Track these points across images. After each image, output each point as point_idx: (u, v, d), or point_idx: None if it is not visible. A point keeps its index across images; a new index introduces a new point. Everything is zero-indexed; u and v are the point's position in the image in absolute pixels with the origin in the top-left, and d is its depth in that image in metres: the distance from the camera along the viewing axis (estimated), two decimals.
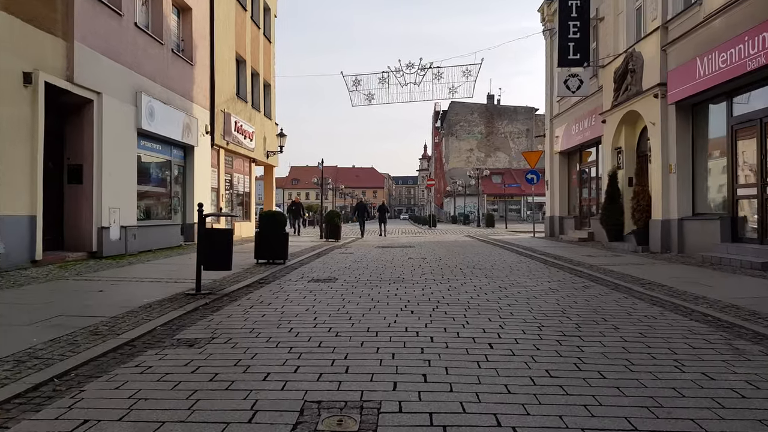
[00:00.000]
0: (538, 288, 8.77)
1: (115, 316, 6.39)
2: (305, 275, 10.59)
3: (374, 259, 14.00)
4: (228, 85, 22.00)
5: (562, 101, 24.63)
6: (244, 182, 25.43)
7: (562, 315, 6.52)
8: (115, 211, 13.50)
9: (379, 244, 21.15)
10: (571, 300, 7.61)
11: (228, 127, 21.70)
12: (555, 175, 25.74)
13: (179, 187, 18.14)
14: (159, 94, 15.78)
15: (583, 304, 7.27)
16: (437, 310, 6.81)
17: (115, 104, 13.53)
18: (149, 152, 16.02)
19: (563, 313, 6.66)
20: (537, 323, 6.03)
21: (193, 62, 18.35)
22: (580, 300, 7.63)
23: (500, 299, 7.63)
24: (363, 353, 4.79)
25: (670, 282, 9.42)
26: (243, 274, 10.55)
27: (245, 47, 24.27)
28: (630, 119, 17.79)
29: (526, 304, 7.22)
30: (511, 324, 5.97)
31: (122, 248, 13.74)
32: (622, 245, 17.15)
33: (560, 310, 6.81)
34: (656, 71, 15.40)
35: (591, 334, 5.57)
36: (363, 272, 11.03)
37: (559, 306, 7.11)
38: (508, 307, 6.98)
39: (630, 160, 18.24)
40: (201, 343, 5.21)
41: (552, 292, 8.32)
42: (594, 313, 6.65)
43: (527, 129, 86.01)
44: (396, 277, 10.10)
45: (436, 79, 25.98)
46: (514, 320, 6.18)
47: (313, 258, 14.56)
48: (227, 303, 7.47)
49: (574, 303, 7.37)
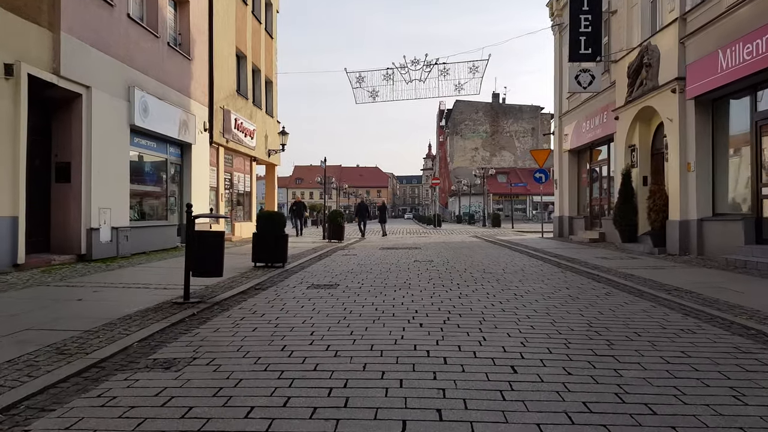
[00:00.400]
0: (557, 295, 8.07)
1: (90, 330, 5.72)
2: (305, 280, 9.91)
3: (378, 262, 13.32)
4: (228, 81, 21.34)
5: (572, 98, 23.90)
6: (244, 181, 24.76)
7: (589, 329, 5.82)
8: (106, 211, 12.85)
9: (384, 245, 20.46)
10: (595, 310, 6.90)
11: (228, 124, 21.04)
12: (564, 174, 25.01)
13: (176, 186, 17.48)
14: (154, 89, 15.12)
15: (609, 315, 6.57)
16: (449, 322, 6.11)
17: (106, 99, 12.87)
18: (143, 150, 15.37)
19: (590, 326, 5.96)
20: (563, 339, 5.34)
21: (191, 57, 17.68)
22: (605, 310, 6.93)
23: (517, 309, 6.93)
24: (365, 380, 4.10)
25: (697, 288, 8.71)
26: (238, 279, 9.87)
27: (246, 42, 23.61)
28: (645, 116, 17.06)
29: (546, 316, 6.51)
30: (534, 341, 5.28)
31: (113, 250, 13.08)
32: (636, 246, 16.42)
33: (586, 323, 6.11)
34: (674, 65, 14.67)
35: (626, 353, 4.87)
36: (366, 277, 10.35)
37: (583, 318, 6.41)
38: (527, 319, 6.28)
39: (644, 158, 17.51)
40: (179, 365, 4.53)
41: (573, 301, 7.61)
42: (624, 327, 5.95)
43: (533, 128, 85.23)
44: (402, 283, 9.41)
45: (442, 75, 25.25)
46: (536, 336, 5.48)
47: (314, 260, 13.88)
48: (217, 313, 6.79)
49: (599, 314, 6.66)
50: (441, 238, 26.25)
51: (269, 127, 27.49)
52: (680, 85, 14.42)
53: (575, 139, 23.46)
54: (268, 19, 27.63)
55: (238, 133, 22.32)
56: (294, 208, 28.91)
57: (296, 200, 30.17)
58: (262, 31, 26.28)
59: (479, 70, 24.78)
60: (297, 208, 28.78)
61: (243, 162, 24.40)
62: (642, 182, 17.45)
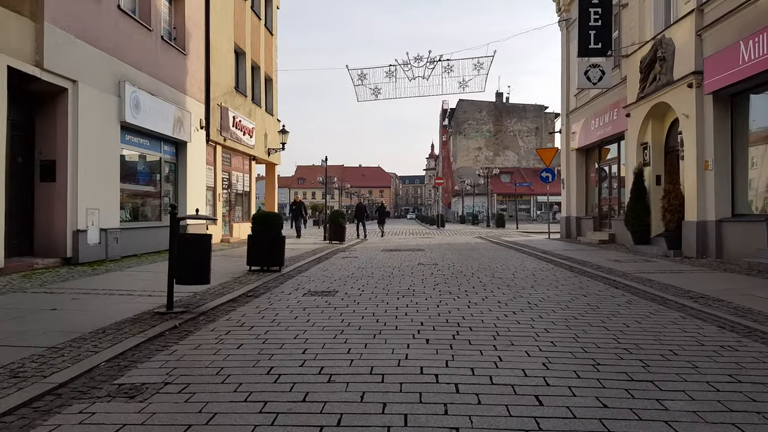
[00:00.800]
0: (575, 304, 7.40)
1: (55, 347, 5.08)
2: (301, 286, 9.25)
3: (380, 265, 12.66)
4: (225, 77, 20.70)
5: (580, 95, 23.22)
6: (243, 181, 24.12)
7: (618, 345, 5.15)
8: (94, 212, 12.21)
9: (386, 247, 19.79)
10: (620, 322, 6.23)
11: (225, 122, 20.40)
12: (572, 174, 24.33)
13: (171, 185, 16.84)
14: (146, 84, 14.49)
15: (636, 329, 5.90)
16: (459, 338, 5.45)
17: (94, 94, 12.23)
18: (135, 148, 14.73)
19: (617, 342, 5.29)
20: (589, 359, 4.67)
21: (186, 51, 17.05)
22: (630, 321, 6.26)
23: (533, 321, 6.26)
24: (363, 414, 3.44)
25: (724, 295, 8.04)
26: (230, 285, 9.23)
27: (245, 38, 22.97)
28: (658, 112, 16.37)
29: (567, 329, 5.85)
30: (557, 361, 4.61)
31: (102, 253, 12.45)
32: (649, 249, 15.74)
33: (612, 338, 5.44)
34: (690, 58, 13.98)
35: (666, 377, 4.21)
36: (367, 282, 9.69)
37: (609, 332, 5.74)
38: (546, 334, 5.61)
39: (658, 157, 16.82)
40: (147, 393, 3.88)
41: (593, 310, 6.95)
42: (656, 343, 5.28)
43: (537, 127, 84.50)
44: (405, 289, 8.75)
45: (446, 72, 24.60)
46: (558, 355, 4.82)
47: (313, 264, 13.23)
48: (201, 325, 6.14)
49: (625, 326, 6.00)
50: (445, 240, 25.59)
51: (269, 126, 26.85)
52: (697, 80, 13.73)
53: (583, 137, 22.77)
54: (268, 16, 27.00)
55: (237, 132, 21.69)
56: (293, 208, 27.53)
57: (296, 200, 28.60)
58: (261, 27, 25.65)
59: (484, 66, 24.11)
60: (296, 208, 27.35)
61: (242, 161, 23.75)
62: (655, 181, 16.76)
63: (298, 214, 26.86)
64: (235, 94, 21.80)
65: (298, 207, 27.28)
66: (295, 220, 26.71)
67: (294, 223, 26.77)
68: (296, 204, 27.61)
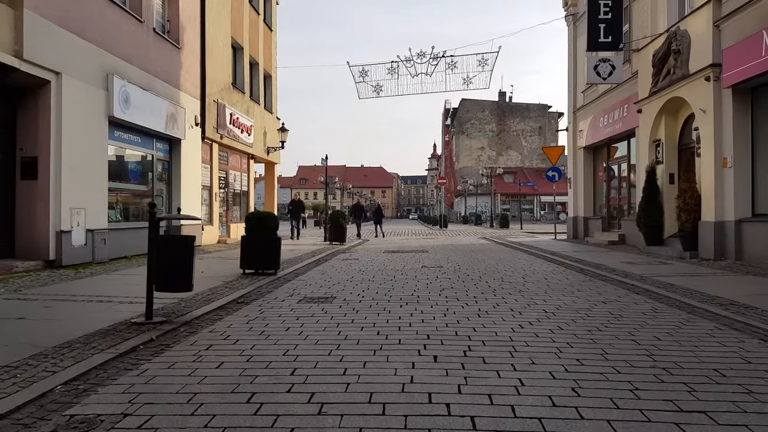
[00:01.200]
0: (595, 313, 6.73)
1: (9, 365, 4.44)
2: (297, 291, 8.59)
3: (382, 268, 11.99)
4: (222, 73, 20.06)
5: (588, 91, 22.54)
6: (241, 180, 23.46)
7: (654, 364, 4.48)
8: (79, 212, 11.57)
9: (388, 248, 19.12)
10: (650, 335, 5.56)
11: (222, 119, 19.76)
12: (579, 172, 23.65)
13: (164, 184, 16.20)
14: (137, 78, 13.84)
15: (669, 343, 5.22)
16: (471, 354, 4.78)
17: (79, 87, 11.59)
18: (125, 144, 14.08)
19: (653, 360, 4.62)
20: (626, 383, 4.00)
21: (180, 45, 16.40)
22: (661, 334, 5.58)
23: (553, 333, 5.59)
24: None
25: (755, 301, 7.38)
26: (221, 290, 8.58)
27: (243, 33, 22.32)
28: (672, 107, 15.70)
29: (592, 343, 5.18)
30: (589, 386, 3.94)
31: (88, 255, 11.81)
32: (663, 250, 15.06)
33: (646, 355, 4.77)
34: (707, 51, 13.30)
35: (720, 407, 3.53)
36: (368, 287, 9.02)
37: (640, 346, 5.07)
38: (569, 350, 4.94)
39: (671, 154, 16.14)
40: (100, 428, 3.22)
41: (616, 320, 6.28)
42: (697, 360, 4.61)
43: (540, 126, 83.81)
44: (409, 295, 8.09)
45: (450, 69, 23.97)
46: (589, 377, 4.15)
47: (311, 266, 12.57)
48: (181, 338, 5.49)
49: (656, 340, 5.33)
50: (448, 240, 24.91)
51: (268, 124, 26.20)
52: (715, 73, 13.06)
53: (591, 135, 22.09)
54: (267, 11, 26.35)
55: (234, 129, 21.04)
56: (291, 208, 25.59)
57: (293, 199, 26.52)
58: (260, 22, 25.00)
59: (489, 62, 23.48)
60: (294, 207, 25.49)
61: (239, 159, 23.10)
62: (668, 180, 16.08)
63: (296, 215, 25.31)
64: (233, 90, 21.15)
65: (296, 206, 25.63)
66: (293, 220, 25.15)
67: (291, 223, 25.20)
68: (293, 203, 25.90)
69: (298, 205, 25.69)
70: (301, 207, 26.21)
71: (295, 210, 25.34)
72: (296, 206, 25.55)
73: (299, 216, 25.55)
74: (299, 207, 25.75)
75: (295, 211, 25.28)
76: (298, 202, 25.94)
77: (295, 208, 25.44)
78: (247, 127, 22.60)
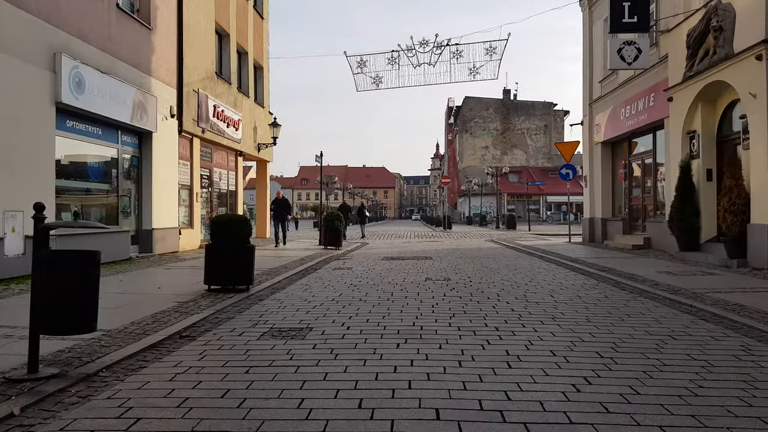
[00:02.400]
0: (669, 355, 4.78)
1: None
2: (264, 318, 6.65)
3: (378, 281, 10.05)
4: (205, 60, 18.14)
5: (606, 81, 20.60)
6: (228, 179, 21.53)
7: None
8: (16, 215, 9.68)
9: (388, 253, 17.15)
10: None
11: (204, 111, 17.85)
12: (596, 170, 21.71)
13: (132, 183, 14.28)
14: (95, 59, 11.94)
15: None
16: None
17: (15, 66, 9.67)
18: (82, 137, 12.15)
19: None
20: None
21: (152, 26, 14.50)
22: None
23: (627, 401, 3.65)
24: None
25: None
26: (167, 316, 6.66)
27: (229, 19, 20.41)
28: (710, 94, 13.76)
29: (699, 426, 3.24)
30: None
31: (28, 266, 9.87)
32: (701, 256, 13.12)
33: None
34: (758, 25, 11.36)
35: None
36: (358, 310, 7.09)
37: None
38: None
39: (708, 147, 14.17)
40: None
41: (707, 372, 4.34)
42: None
43: (545, 125, 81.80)
44: (409, 325, 6.14)
45: (455, 58, 22.11)
46: None
47: (295, 278, 10.65)
48: (62, 409, 3.59)
49: None
50: (454, 244, 22.95)
51: (259, 118, 24.29)
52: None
53: (610, 128, 20.15)
54: None
55: (219, 123, 19.13)
56: (273, 208, 20.68)
57: (277, 197, 21.03)
58: (250, 8, 23.08)
59: (497, 51, 21.60)
60: (277, 207, 20.41)
61: (225, 156, 21.16)
62: (705, 176, 14.12)
63: (281, 216, 20.25)
64: (217, 80, 19.24)
65: (280, 205, 20.51)
66: (277, 222, 20.23)
67: (275, 226, 20.32)
68: (277, 202, 20.66)
69: (282, 205, 20.64)
70: (286, 206, 21.07)
71: (279, 210, 20.39)
72: (280, 206, 20.54)
73: (284, 217, 20.52)
74: (284, 206, 20.68)
75: (279, 212, 20.33)
76: (282, 201, 20.82)
77: (279, 207, 20.47)
78: (235, 121, 20.69)
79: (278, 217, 20.18)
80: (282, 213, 20.33)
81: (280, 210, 20.33)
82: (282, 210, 20.41)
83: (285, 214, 20.46)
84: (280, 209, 20.36)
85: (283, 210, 20.45)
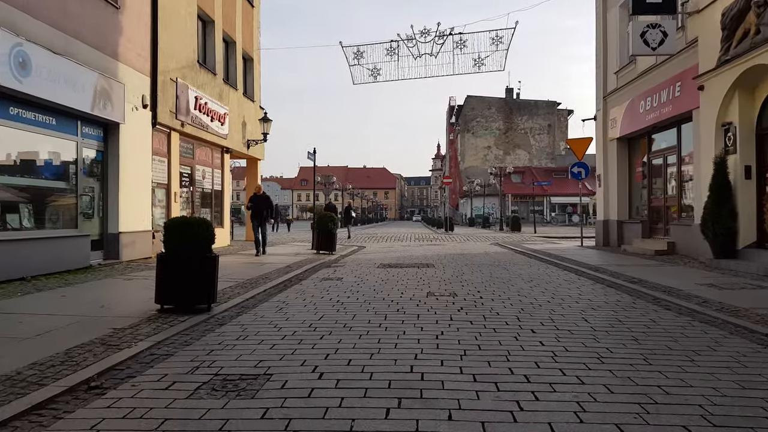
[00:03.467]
0: None
1: None
2: (211, 358, 4.99)
3: (369, 298, 8.40)
4: (184, 47, 16.52)
5: (623, 72, 18.98)
6: (212, 177, 19.89)
7: None
8: None
9: (384, 260, 15.46)
10: None
11: (184, 102, 16.23)
12: (611, 168, 20.10)
13: (96, 181, 12.65)
14: (45, 37, 10.31)
15: None
16: None
17: None
18: (29, 126, 10.49)
19: None
20: None
21: (119, 4, 12.88)
22: None
23: None
24: None
25: None
26: (86, 352, 5.02)
27: (213, 4, 18.80)
28: (749, 80, 12.16)
29: None
30: None
31: None
32: (741, 265, 11.50)
33: None
34: None
35: None
36: (339, 343, 5.45)
37: None
38: None
39: (747, 141, 12.54)
40: None
41: None
42: None
43: (549, 124, 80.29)
44: (407, 371, 4.49)
45: (458, 48, 20.57)
46: None
47: (273, 292, 9.00)
48: None
49: None
50: (457, 247, 21.29)
51: (249, 113, 22.67)
52: None
53: (627, 123, 18.53)
54: None
55: (201, 116, 17.51)
56: (251, 206, 16.74)
57: (256, 193, 17.24)
58: None
59: (503, 41, 20.08)
60: (255, 205, 16.59)
61: (209, 153, 19.52)
62: (744, 174, 12.49)
63: (260, 215, 16.37)
64: (199, 69, 17.62)
65: (259, 202, 16.64)
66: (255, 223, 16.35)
67: (255, 229, 16.38)
68: (256, 199, 16.77)
69: (261, 202, 16.66)
70: (267, 204, 16.79)
71: (258, 208, 16.52)
72: (258, 203, 16.63)
73: (263, 217, 16.44)
74: (263, 203, 16.64)
75: (258, 210, 16.47)
76: (261, 198, 16.86)
77: (257, 205, 16.57)
78: (220, 115, 19.08)
79: (257, 217, 16.37)
80: (261, 211, 16.42)
81: (258, 208, 16.50)
82: (261, 208, 16.51)
83: (265, 213, 16.54)
84: (258, 207, 16.52)
85: (262, 208, 16.52)
